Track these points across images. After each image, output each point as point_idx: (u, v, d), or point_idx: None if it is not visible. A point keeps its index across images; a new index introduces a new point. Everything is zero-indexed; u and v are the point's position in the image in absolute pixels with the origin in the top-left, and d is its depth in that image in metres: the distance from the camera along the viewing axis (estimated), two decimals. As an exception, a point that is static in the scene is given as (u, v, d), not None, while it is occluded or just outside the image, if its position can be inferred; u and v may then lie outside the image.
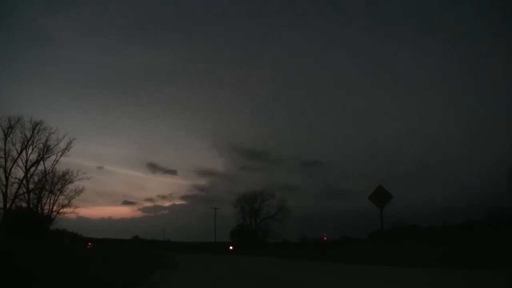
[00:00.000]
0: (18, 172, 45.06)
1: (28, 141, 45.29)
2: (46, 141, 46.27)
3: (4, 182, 43.34)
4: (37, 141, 45.95)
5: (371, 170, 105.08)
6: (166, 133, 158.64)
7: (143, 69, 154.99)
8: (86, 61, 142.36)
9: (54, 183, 48.19)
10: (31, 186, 46.03)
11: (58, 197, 48.58)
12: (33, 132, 45.51)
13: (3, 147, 43.90)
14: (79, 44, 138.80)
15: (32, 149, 45.87)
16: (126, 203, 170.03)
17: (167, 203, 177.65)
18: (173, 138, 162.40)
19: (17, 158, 44.74)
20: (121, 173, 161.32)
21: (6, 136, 44.07)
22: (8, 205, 42.93)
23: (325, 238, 61.64)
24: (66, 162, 72.85)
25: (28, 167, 45.38)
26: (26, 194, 45.22)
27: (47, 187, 47.73)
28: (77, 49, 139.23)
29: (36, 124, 45.82)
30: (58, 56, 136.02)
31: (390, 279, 12.47)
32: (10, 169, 44.05)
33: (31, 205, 45.82)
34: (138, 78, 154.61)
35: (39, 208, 46.98)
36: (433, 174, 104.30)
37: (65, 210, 48.49)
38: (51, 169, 47.62)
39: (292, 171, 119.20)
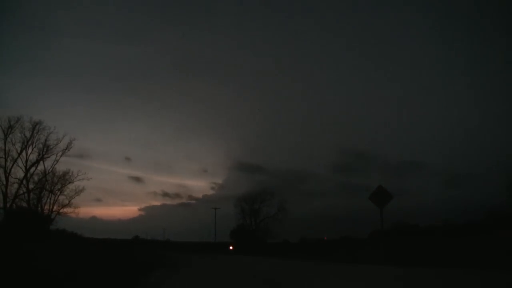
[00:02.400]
0: (18, 172, 45.17)
1: (28, 141, 45.39)
2: (46, 141, 46.38)
3: (4, 182, 43.44)
4: (36, 141, 46.07)
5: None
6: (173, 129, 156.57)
7: (147, 63, 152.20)
8: (86, 57, 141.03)
9: (54, 183, 48.31)
10: (31, 186, 46.11)
11: (58, 197, 48.74)
12: (32, 132, 45.64)
13: (3, 147, 44.01)
14: (79, 40, 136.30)
15: (32, 149, 45.98)
16: (127, 202, 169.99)
17: (174, 202, 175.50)
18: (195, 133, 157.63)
19: (17, 158, 44.82)
20: (123, 172, 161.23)
21: (6, 136, 44.18)
22: (8, 205, 42.99)
23: (325, 238, 61.66)
24: (66, 162, 72.99)
25: (28, 167, 45.46)
26: (26, 194, 45.27)
27: (47, 187, 47.82)
28: (77, 46, 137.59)
29: (36, 124, 45.92)
30: (57, 53, 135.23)
31: (390, 279, 12.50)
32: (10, 169, 44.14)
33: (31, 205, 45.86)
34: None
35: (39, 208, 47.04)
36: (432, 172, 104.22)
37: (65, 210, 48.65)
38: (51, 169, 47.74)
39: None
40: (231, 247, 67.67)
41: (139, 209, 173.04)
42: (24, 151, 45.29)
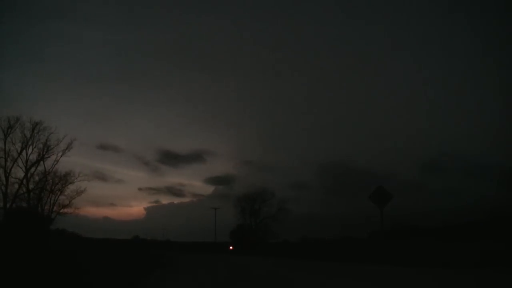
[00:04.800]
0: (18, 172, 45.18)
1: (28, 141, 45.41)
2: (46, 141, 46.45)
3: (4, 182, 43.48)
4: (37, 141, 46.11)
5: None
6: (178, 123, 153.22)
7: (149, 57, 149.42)
8: (84, 53, 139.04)
9: (55, 183, 48.36)
10: (31, 186, 46.13)
11: (58, 197, 48.79)
12: (33, 132, 45.67)
13: (3, 147, 44.02)
14: (77, 37, 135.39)
15: (32, 149, 46.01)
16: (133, 202, 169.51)
17: (170, 202, 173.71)
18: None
19: (17, 158, 44.83)
20: (123, 172, 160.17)
21: (6, 136, 44.21)
22: (8, 205, 43.03)
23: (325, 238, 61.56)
24: (66, 162, 72.70)
25: (28, 167, 45.48)
26: (26, 194, 45.29)
27: (47, 187, 47.85)
28: (74, 43, 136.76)
29: (36, 124, 45.97)
30: (56, 51, 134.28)
31: (390, 279, 12.50)
32: (10, 169, 44.14)
33: (31, 205, 45.87)
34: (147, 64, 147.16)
35: (39, 208, 47.04)
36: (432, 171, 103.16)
37: (65, 210, 48.71)
38: (51, 169, 47.79)
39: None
40: (231, 247, 67.69)
41: (140, 209, 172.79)
42: (24, 151, 45.38)
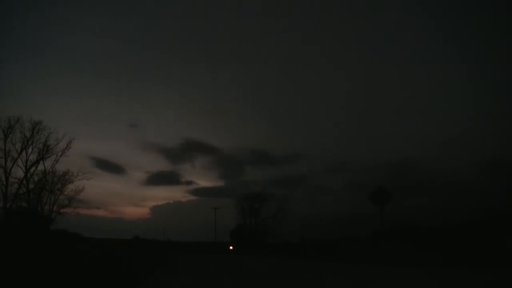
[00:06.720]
0: (18, 172, 45.20)
1: (28, 141, 45.47)
2: (46, 141, 46.51)
3: (4, 182, 43.49)
4: (36, 141, 46.18)
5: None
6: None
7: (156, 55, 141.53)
8: (86, 52, 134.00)
9: (54, 183, 48.35)
10: (31, 186, 46.14)
11: (58, 197, 48.76)
12: (32, 132, 45.74)
13: (3, 147, 44.06)
14: (75, 33, 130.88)
15: (32, 149, 46.07)
16: (128, 203, 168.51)
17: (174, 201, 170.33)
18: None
19: (17, 158, 44.88)
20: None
21: (6, 136, 44.25)
22: (8, 205, 43.05)
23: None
24: (66, 162, 72.60)
25: (28, 167, 45.53)
26: (26, 194, 45.30)
27: (47, 187, 47.83)
28: (73, 40, 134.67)
29: (36, 124, 46.04)
30: (54, 50, 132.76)
31: (389, 279, 12.44)
32: (10, 169, 44.17)
33: (31, 205, 45.88)
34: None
35: (39, 208, 47.04)
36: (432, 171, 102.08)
37: (65, 210, 48.69)
38: (51, 169, 47.81)
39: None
40: (231, 247, 67.63)
41: (139, 209, 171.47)
42: (24, 151, 45.41)
